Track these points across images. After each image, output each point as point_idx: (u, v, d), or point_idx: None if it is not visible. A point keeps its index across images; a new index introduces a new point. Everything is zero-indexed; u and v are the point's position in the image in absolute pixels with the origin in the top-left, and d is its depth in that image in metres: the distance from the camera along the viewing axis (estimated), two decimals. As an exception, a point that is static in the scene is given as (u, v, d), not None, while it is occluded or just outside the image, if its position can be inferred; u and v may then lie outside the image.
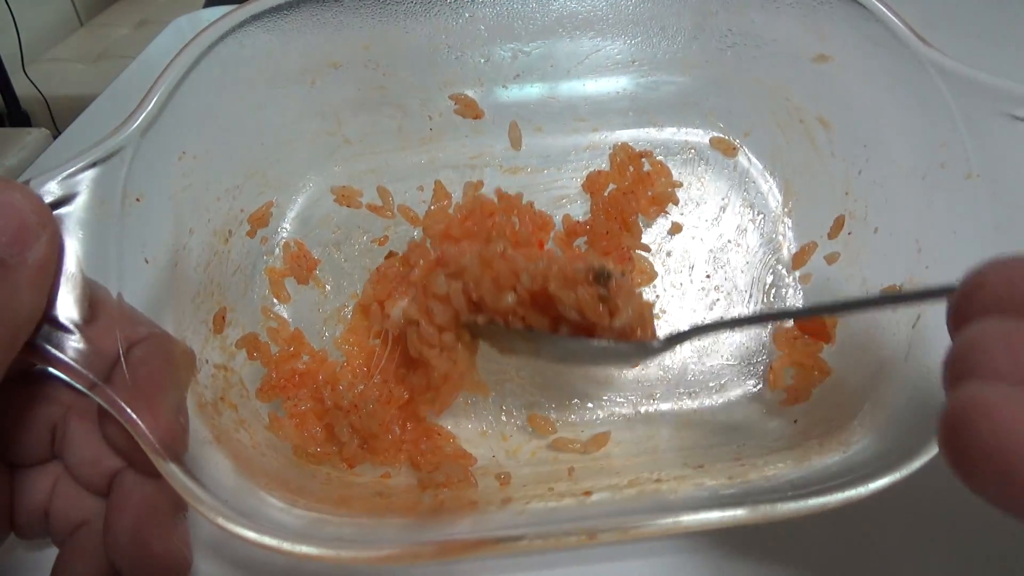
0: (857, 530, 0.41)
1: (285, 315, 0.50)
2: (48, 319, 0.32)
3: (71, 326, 0.33)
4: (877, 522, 0.42)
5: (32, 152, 1.35)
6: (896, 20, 0.42)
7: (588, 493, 0.38)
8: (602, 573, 0.40)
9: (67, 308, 0.33)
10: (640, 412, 0.48)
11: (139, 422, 0.32)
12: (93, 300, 0.34)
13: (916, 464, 0.34)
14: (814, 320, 0.47)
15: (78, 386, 0.32)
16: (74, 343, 0.33)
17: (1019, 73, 0.39)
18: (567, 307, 0.38)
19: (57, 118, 1.66)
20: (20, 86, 1.31)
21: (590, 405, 0.48)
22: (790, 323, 0.50)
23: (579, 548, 0.41)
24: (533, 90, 0.52)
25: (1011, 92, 0.38)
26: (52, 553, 0.34)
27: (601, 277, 0.39)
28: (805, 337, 0.49)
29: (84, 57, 1.47)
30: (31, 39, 1.37)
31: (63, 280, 0.33)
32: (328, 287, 0.51)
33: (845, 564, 0.40)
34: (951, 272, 0.39)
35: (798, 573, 0.40)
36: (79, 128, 0.75)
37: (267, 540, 0.32)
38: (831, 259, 0.50)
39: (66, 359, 0.32)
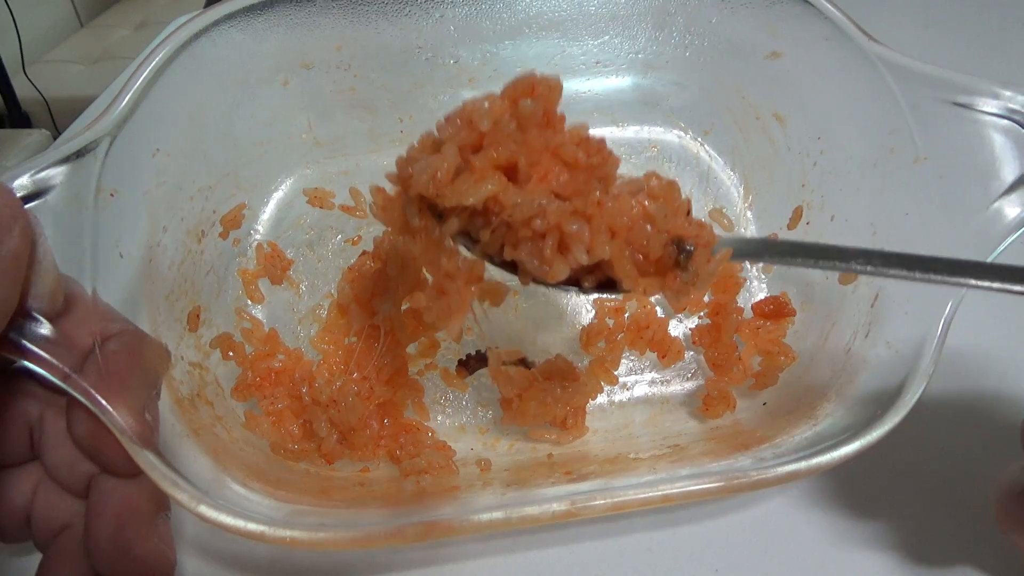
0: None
1: (259, 316, 0.50)
2: (21, 312, 0.32)
3: (44, 319, 0.32)
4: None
5: (32, 153, 1.31)
6: (843, 17, 0.45)
7: (569, 473, 0.39)
8: (585, 552, 0.41)
9: (40, 301, 0.32)
10: (614, 401, 0.49)
11: (112, 410, 0.31)
12: (67, 294, 0.33)
13: (879, 433, 0.35)
14: (771, 300, 0.49)
15: (51, 378, 0.32)
16: (47, 336, 0.32)
17: (959, 63, 0.42)
18: (638, 291, 0.32)
19: (57, 119, 1.63)
20: (20, 87, 1.29)
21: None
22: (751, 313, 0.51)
23: (565, 526, 0.42)
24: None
25: (952, 80, 0.40)
26: (38, 558, 0.34)
27: (684, 252, 0.31)
28: (767, 324, 0.50)
29: (84, 58, 1.45)
30: (31, 40, 1.35)
31: (37, 273, 0.33)
32: (303, 287, 0.52)
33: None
34: (907, 250, 0.42)
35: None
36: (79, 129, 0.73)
37: (251, 527, 0.32)
38: (791, 249, 0.52)
39: (39, 351, 0.32)
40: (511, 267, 0.33)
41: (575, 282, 0.34)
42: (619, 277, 0.32)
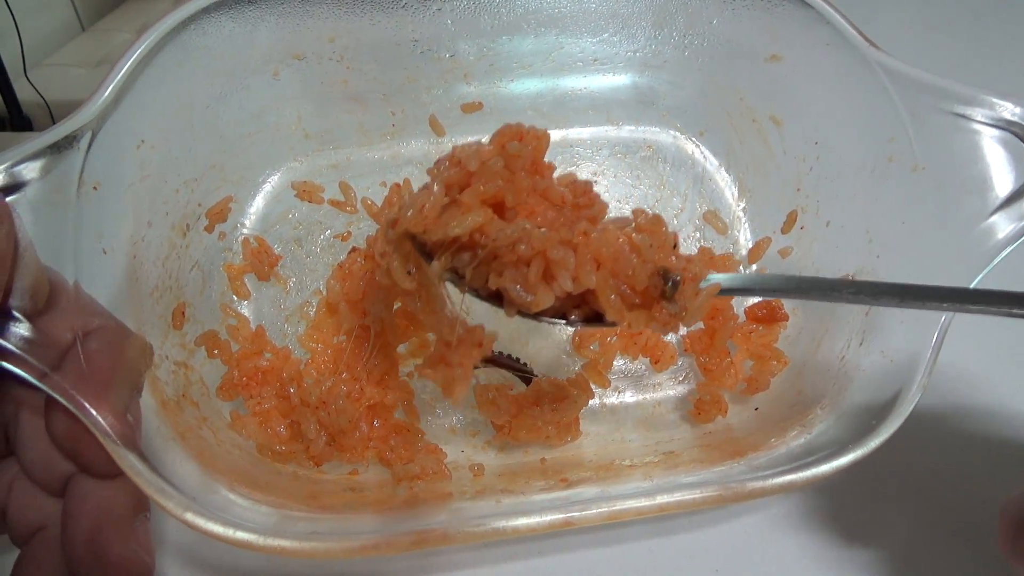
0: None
1: (245, 312, 0.49)
2: (1, 311, 0.30)
3: (23, 316, 0.31)
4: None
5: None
6: (845, 23, 0.44)
7: (565, 480, 0.38)
8: (586, 555, 0.41)
9: (21, 298, 0.31)
10: (606, 405, 0.49)
11: (92, 411, 0.30)
12: (51, 289, 0.32)
13: (874, 444, 0.35)
14: (764, 305, 0.49)
15: (28, 377, 0.30)
16: (25, 334, 0.31)
17: (962, 67, 0.41)
18: (624, 324, 0.32)
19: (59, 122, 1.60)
20: (22, 91, 1.25)
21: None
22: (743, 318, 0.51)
23: (563, 535, 0.41)
24: (496, 87, 0.53)
25: (952, 90, 0.40)
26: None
27: (669, 283, 0.32)
28: (760, 328, 0.50)
29: (86, 62, 1.41)
30: (33, 44, 1.31)
31: (17, 269, 0.32)
32: (290, 283, 0.50)
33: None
34: (902, 260, 0.42)
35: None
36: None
37: (240, 535, 0.31)
38: (784, 253, 0.51)
39: (16, 350, 0.30)
40: (497, 299, 0.33)
41: (562, 315, 0.33)
42: (603, 308, 0.32)
